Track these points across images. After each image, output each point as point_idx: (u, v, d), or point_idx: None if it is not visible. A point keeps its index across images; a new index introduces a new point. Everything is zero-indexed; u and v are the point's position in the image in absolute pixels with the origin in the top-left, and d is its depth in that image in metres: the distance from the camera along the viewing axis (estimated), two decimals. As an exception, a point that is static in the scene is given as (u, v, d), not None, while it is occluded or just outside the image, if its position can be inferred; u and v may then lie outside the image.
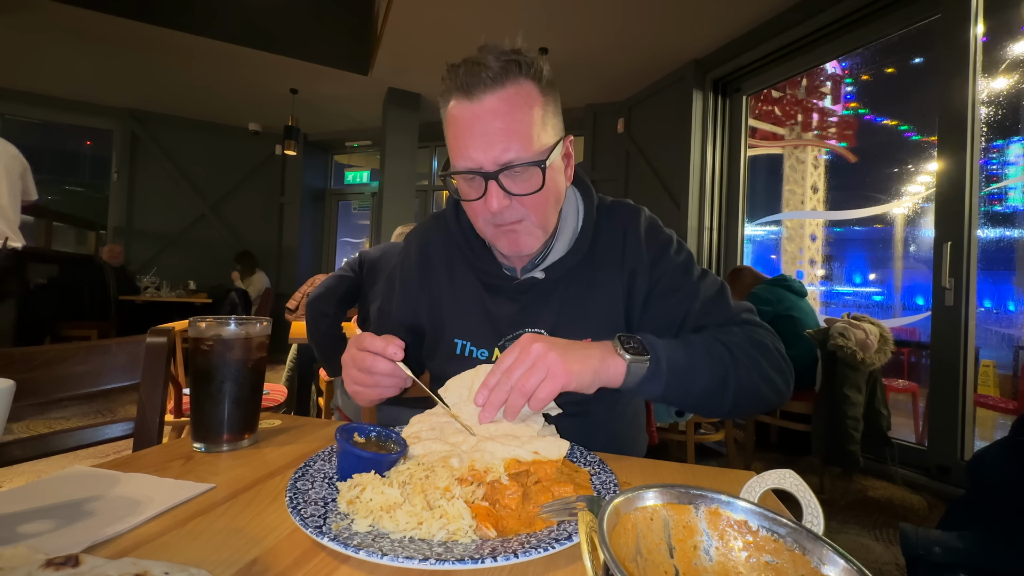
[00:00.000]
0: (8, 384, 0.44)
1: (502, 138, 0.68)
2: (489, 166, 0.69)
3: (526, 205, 0.73)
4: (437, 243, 0.91)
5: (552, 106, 0.74)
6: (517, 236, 0.75)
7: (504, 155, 0.69)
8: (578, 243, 0.83)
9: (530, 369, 0.59)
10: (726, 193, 4.27)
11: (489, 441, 0.56)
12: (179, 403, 2.00)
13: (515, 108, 0.69)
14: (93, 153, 6.74)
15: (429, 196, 6.55)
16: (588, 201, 0.86)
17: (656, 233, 0.85)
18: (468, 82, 0.69)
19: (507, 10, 3.68)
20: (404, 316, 0.92)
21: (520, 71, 0.70)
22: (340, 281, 2.04)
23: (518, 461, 0.53)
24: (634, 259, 0.82)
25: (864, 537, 2.12)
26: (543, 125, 0.72)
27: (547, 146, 0.72)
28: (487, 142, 0.69)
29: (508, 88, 0.69)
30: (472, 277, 0.87)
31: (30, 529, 0.45)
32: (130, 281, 5.31)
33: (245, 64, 4.79)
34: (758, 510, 0.35)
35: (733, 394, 0.69)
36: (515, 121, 0.69)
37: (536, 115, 0.71)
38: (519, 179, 0.71)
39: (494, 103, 0.69)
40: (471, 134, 0.69)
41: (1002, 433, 1.53)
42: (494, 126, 0.68)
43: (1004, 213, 3.04)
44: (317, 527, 0.43)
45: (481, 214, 0.75)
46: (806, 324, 2.76)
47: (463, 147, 0.70)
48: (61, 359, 0.83)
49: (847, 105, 5.32)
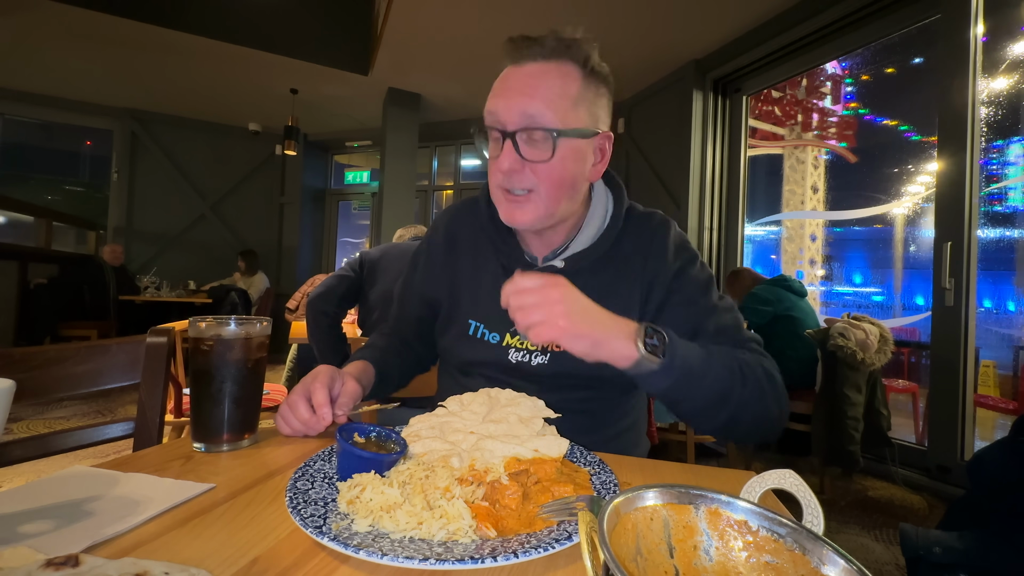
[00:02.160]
0: (8, 384, 0.44)
1: (527, 99, 0.71)
2: (510, 124, 0.72)
3: (537, 175, 0.73)
4: (465, 225, 0.93)
5: (592, 94, 0.76)
6: (519, 206, 0.76)
7: (524, 115, 0.71)
8: (601, 240, 0.83)
9: (534, 305, 0.60)
10: (726, 193, 4.27)
11: (489, 440, 0.56)
12: (179, 403, 2.00)
13: (550, 77, 0.72)
14: (93, 153, 6.74)
15: (429, 196, 6.55)
16: (619, 204, 0.86)
17: (683, 249, 0.85)
18: (520, 52, 0.74)
19: (507, 10, 3.68)
20: (425, 289, 0.94)
21: (570, 53, 0.73)
22: (341, 281, 2.05)
23: (518, 459, 0.53)
24: (655, 270, 0.82)
25: (864, 537, 2.12)
26: (574, 104, 0.73)
27: (575, 125, 0.73)
28: (513, 100, 0.71)
29: (551, 63, 0.73)
30: (494, 261, 0.88)
31: (30, 529, 0.45)
32: (130, 281, 5.31)
33: (245, 64, 4.79)
34: (758, 510, 0.35)
35: (729, 412, 0.69)
36: (545, 87, 0.71)
37: (569, 90, 0.73)
38: (535, 145, 0.72)
39: (532, 70, 0.73)
40: (503, 90, 0.73)
41: (1002, 433, 1.53)
42: (524, 86, 0.72)
43: (1004, 213, 3.04)
44: (317, 527, 0.43)
45: (495, 175, 0.76)
46: (806, 324, 2.76)
47: (493, 103, 0.73)
48: (61, 359, 0.83)
49: (847, 105, 5.33)
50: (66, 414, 3.46)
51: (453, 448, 0.57)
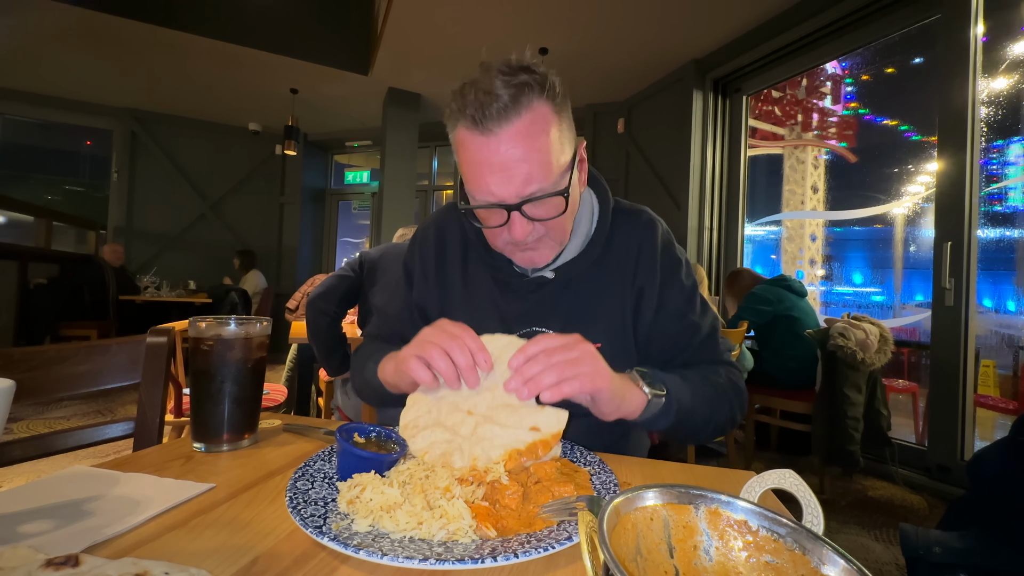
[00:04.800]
0: (8, 384, 0.44)
1: (523, 172, 0.66)
2: (511, 199, 0.67)
3: (548, 226, 0.73)
4: (454, 235, 0.91)
5: (566, 120, 0.71)
6: (536, 252, 0.76)
7: (526, 188, 0.67)
8: (591, 246, 0.83)
9: (574, 360, 0.58)
10: (726, 193, 4.27)
11: (488, 425, 0.56)
12: (179, 403, 2.00)
13: (532, 137, 0.65)
14: (93, 153, 6.75)
15: (429, 196, 6.55)
16: (604, 204, 0.85)
17: (669, 253, 0.85)
18: (478, 115, 0.64)
19: (507, 10, 3.67)
20: (415, 301, 0.92)
21: (532, 92, 0.65)
22: (341, 281, 2.05)
23: (519, 451, 0.53)
24: (645, 275, 0.82)
25: (864, 537, 2.12)
26: (560, 146, 0.69)
27: (566, 166, 0.70)
28: (507, 178, 0.66)
29: (523, 117, 0.65)
30: (484, 272, 0.87)
31: (30, 529, 0.45)
32: (130, 281, 5.31)
33: (245, 64, 4.79)
34: (758, 510, 0.35)
35: (711, 430, 0.78)
36: (533, 151, 0.65)
37: (553, 137, 0.67)
38: (542, 206, 0.70)
39: (509, 136, 0.65)
40: (489, 170, 0.66)
41: (1002, 433, 1.53)
42: (513, 160, 0.65)
43: (1004, 213, 3.04)
44: (317, 527, 0.43)
45: (502, 237, 0.74)
46: (806, 324, 2.76)
47: (483, 183, 0.67)
48: (61, 359, 0.83)
49: (847, 105, 5.32)
50: (66, 414, 3.46)
51: (453, 438, 0.56)
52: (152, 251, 6.29)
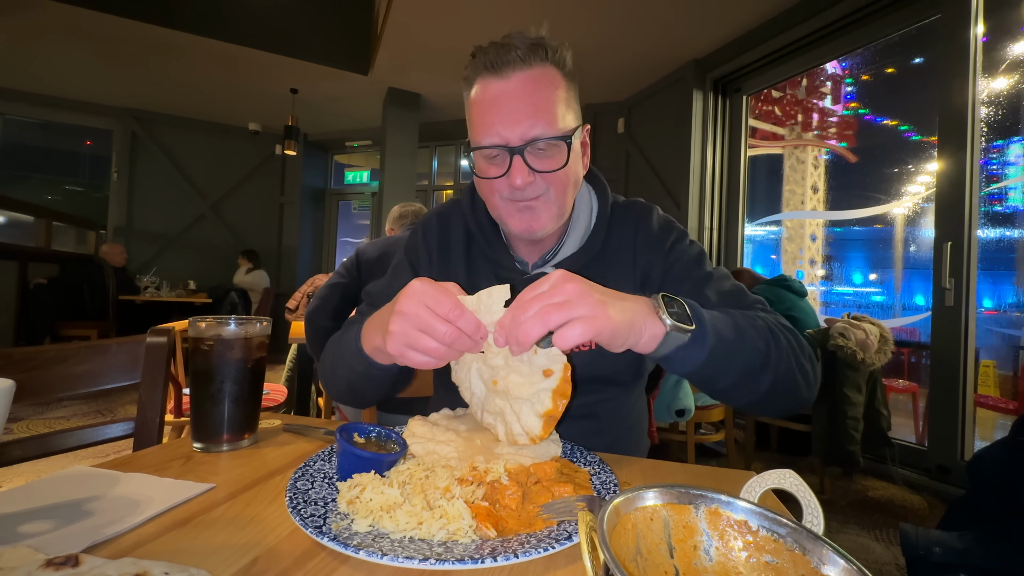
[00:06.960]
0: (8, 384, 0.44)
1: (529, 114, 0.70)
2: (515, 141, 0.71)
3: (548, 181, 0.74)
4: (455, 228, 0.90)
5: (573, 93, 0.76)
6: (534, 213, 0.75)
7: (531, 131, 0.70)
8: (590, 241, 0.83)
9: (559, 305, 0.51)
10: (726, 193, 4.28)
11: (511, 376, 0.56)
12: (179, 403, 2.00)
13: (541, 87, 0.71)
14: (93, 153, 6.74)
15: (429, 196, 6.55)
16: (602, 200, 0.86)
17: (668, 230, 0.85)
18: (496, 60, 0.71)
19: (507, 11, 3.67)
20: None
21: (546, 56, 0.72)
22: (332, 290, 2.02)
23: (555, 391, 0.54)
24: (646, 254, 0.82)
25: (864, 537, 2.12)
26: (567, 108, 0.74)
27: (570, 128, 0.74)
28: (514, 118, 0.70)
29: (535, 68, 0.71)
30: (487, 267, 0.87)
31: (30, 529, 0.45)
32: (130, 281, 5.31)
33: (245, 64, 4.79)
34: (758, 510, 0.35)
35: (772, 375, 0.64)
36: (541, 99, 0.71)
37: (560, 96, 0.73)
38: (543, 155, 0.72)
39: (522, 80, 0.71)
40: (498, 110, 0.71)
41: (1002, 433, 1.53)
42: (521, 102, 0.70)
43: (1004, 213, 3.04)
44: (317, 527, 0.43)
45: (500, 190, 0.75)
46: (806, 324, 2.76)
47: (489, 123, 0.71)
48: (61, 359, 0.83)
49: (847, 105, 5.32)
50: (66, 414, 3.46)
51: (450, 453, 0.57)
52: (152, 251, 6.29)
